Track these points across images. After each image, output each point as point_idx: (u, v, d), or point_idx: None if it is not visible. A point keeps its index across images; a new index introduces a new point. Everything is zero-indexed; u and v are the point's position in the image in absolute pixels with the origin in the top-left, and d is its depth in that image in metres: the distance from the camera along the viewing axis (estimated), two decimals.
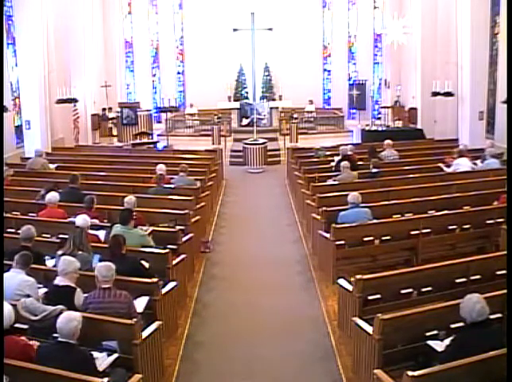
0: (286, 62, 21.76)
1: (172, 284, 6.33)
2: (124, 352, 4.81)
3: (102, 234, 7.26)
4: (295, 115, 18.28)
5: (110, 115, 19.38)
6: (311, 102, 21.50)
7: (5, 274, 5.35)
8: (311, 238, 9.23)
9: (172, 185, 10.13)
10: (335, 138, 17.20)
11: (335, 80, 23.00)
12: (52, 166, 12.20)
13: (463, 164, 10.94)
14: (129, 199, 7.87)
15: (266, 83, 22.49)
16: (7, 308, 4.39)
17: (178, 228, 8.01)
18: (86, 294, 5.27)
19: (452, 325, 4.83)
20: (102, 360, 4.54)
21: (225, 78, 21.92)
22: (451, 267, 6.16)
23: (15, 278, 5.34)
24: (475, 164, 11.17)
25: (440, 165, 11.25)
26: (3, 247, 6.31)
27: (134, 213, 7.26)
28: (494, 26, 14.57)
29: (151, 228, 7.61)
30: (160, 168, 10.36)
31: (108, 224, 7.59)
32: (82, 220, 6.67)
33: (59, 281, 5.27)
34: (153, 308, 5.74)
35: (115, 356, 4.68)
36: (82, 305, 5.16)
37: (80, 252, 6.08)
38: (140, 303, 5.52)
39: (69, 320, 4.24)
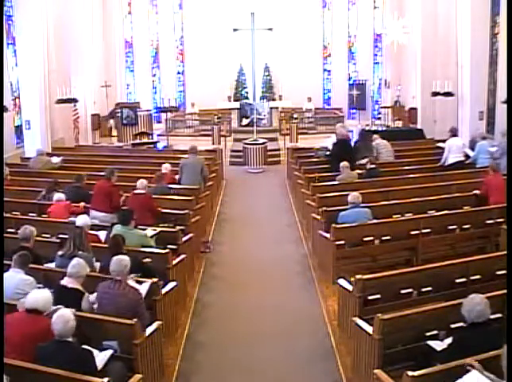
0: (286, 62, 21.75)
1: (172, 284, 6.33)
2: (124, 352, 4.81)
3: (102, 234, 7.27)
4: (295, 115, 18.27)
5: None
6: (309, 99, 21.45)
7: (5, 274, 5.35)
8: (311, 238, 9.22)
9: (172, 186, 10.15)
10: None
11: (335, 80, 22.99)
12: (57, 159, 12.27)
13: (455, 143, 11.17)
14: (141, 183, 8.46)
15: (266, 83, 22.48)
16: (47, 294, 4.63)
17: (178, 228, 8.01)
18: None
19: (452, 325, 4.84)
20: (101, 359, 4.56)
21: (225, 78, 21.92)
22: (451, 267, 6.15)
23: (14, 277, 5.35)
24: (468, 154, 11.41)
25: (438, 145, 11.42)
26: (3, 247, 6.31)
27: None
28: (494, 26, 14.57)
29: (158, 229, 7.64)
30: (166, 167, 10.57)
31: (108, 225, 7.62)
32: (82, 219, 6.69)
33: (67, 282, 5.27)
34: (153, 308, 5.74)
35: (111, 352, 4.69)
36: (96, 294, 5.27)
37: (81, 252, 6.07)
38: (142, 288, 5.58)
39: (66, 321, 4.24)
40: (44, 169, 11.78)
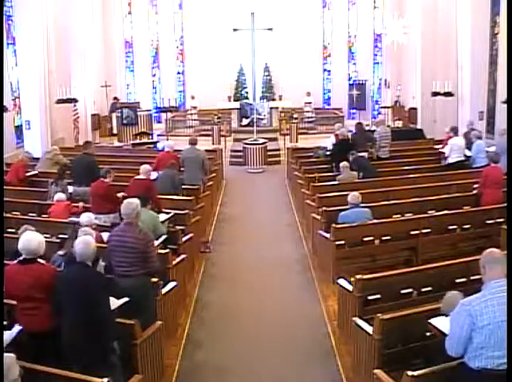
0: (286, 62, 21.74)
1: (172, 284, 6.34)
2: (124, 352, 4.81)
3: (105, 236, 7.25)
4: (295, 115, 18.27)
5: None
6: (308, 94, 21.44)
7: None
8: (311, 238, 9.23)
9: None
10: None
11: (335, 80, 22.99)
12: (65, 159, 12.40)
13: (457, 143, 11.22)
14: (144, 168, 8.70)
15: (266, 83, 22.47)
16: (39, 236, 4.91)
17: (178, 227, 8.01)
18: None
19: None
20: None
21: (225, 78, 21.91)
22: (451, 266, 6.15)
23: None
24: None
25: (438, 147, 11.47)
26: (3, 247, 6.31)
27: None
28: (494, 26, 14.56)
29: (171, 214, 7.86)
30: (169, 145, 11.30)
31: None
32: (86, 218, 6.69)
33: None
34: (153, 308, 5.74)
35: (126, 299, 4.89)
36: (107, 241, 5.68)
37: None
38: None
39: (88, 244, 4.61)
40: (49, 165, 11.83)
